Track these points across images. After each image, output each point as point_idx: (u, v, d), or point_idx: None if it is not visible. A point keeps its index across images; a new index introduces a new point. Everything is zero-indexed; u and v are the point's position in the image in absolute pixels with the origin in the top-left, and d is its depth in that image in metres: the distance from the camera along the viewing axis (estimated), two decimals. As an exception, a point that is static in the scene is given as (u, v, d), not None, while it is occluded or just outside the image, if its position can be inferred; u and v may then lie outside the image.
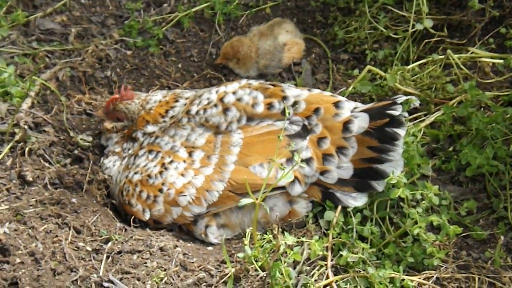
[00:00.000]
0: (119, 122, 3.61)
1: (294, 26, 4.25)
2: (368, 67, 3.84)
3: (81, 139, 3.57)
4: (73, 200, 3.23)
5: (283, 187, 3.19)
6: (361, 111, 3.21)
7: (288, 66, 4.17)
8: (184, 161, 3.31)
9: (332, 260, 3.07)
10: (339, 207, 3.21)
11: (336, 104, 3.25)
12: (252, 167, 3.22)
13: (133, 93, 3.61)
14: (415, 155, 3.34)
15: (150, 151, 3.41)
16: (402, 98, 3.21)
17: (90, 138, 3.61)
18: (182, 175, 3.28)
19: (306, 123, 3.26)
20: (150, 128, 3.48)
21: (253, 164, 3.22)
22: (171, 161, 3.33)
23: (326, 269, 3.03)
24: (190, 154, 3.33)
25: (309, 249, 3.05)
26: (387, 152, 3.16)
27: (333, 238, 3.14)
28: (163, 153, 3.37)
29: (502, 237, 3.22)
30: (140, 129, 3.50)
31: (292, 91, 3.35)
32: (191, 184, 3.26)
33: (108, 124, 3.63)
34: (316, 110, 3.26)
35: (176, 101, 3.52)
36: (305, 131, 3.25)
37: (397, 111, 3.16)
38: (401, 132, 3.16)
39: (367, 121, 3.18)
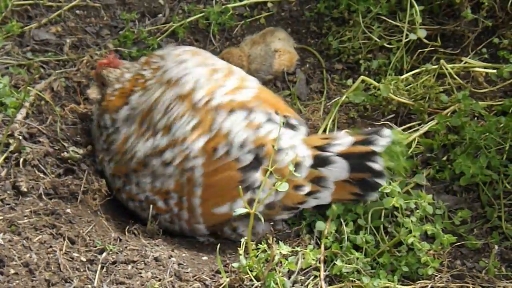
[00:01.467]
0: (104, 87, 3.57)
1: (286, 34, 4.26)
2: (362, 77, 3.85)
3: (72, 150, 3.55)
4: (68, 210, 3.23)
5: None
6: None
7: (279, 73, 4.17)
8: (166, 211, 3.28)
9: (326, 270, 3.08)
10: (330, 218, 3.22)
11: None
12: (215, 209, 3.19)
13: (120, 62, 3.59)
14: (400, 159, 3.35)
15: (130, 199, 3.39)
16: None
17: (81, 151, 3.57)
18: (171, 222, 3.31)
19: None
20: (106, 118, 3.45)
21: (215, 207, 3.19)
22: (157, 214, 3.31)
23: (320, 279, 3.04)
24: (166, 202, 3.27)
25: (304, 258, 3.05)
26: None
27: (326, 248, 3.14)
28: (144, 201, 3.33)
29: (496, 247, 3.23)
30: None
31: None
32: (182, 228, 3.30)
33: (90, 91, 3.61)
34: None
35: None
36: (257, 161, 3.16)
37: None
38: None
39: None
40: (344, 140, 3.18)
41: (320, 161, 3.16)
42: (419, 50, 4.05)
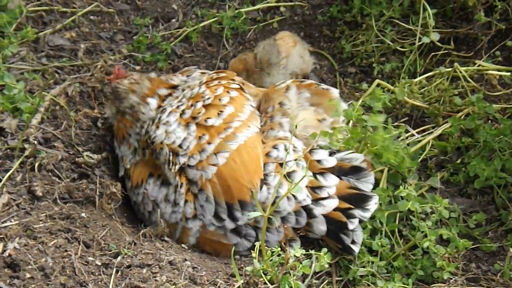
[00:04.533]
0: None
1: (299, 38, 4.22)
2: (377, 81, 3.83)
3: (86, 155, 3.56)
4: (83, 214, 3.24)
5: None
6: None
7: (289, 56, 4.08)
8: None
9: (341, 274, 3.08)
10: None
11: None
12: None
13: (124, 72, 3.68)
14: (404, 158, 3.33)
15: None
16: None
17: (96, 156, 3.59)
18: None
19: None
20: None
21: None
22: None
23: (335, 283, 3.03)
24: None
25: (318, 262, 3.04)
26: None
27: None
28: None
29: (511, 249, 3.21)
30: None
31: None
32: None
33: (106, 110, 3.75)
34: None
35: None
36: None
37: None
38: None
39: None
40: (328, 202, 3.16)
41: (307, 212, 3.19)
42: (432, 53, 4.04)
